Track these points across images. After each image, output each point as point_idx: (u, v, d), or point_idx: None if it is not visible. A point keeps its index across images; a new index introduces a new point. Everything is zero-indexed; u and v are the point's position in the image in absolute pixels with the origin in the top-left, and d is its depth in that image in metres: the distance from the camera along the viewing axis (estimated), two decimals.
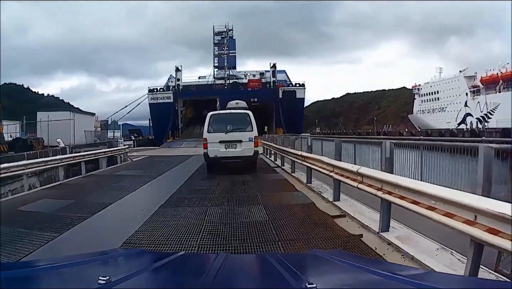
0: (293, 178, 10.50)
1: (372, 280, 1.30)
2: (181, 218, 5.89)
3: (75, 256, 1.78)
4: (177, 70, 45.15)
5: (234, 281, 1.38)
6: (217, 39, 48.14)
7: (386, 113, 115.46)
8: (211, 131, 11.20)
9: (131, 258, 1.92)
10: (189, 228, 5.20)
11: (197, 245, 4.48)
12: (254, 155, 11.40)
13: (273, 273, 1.42)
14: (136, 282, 1.17)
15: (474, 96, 58.76)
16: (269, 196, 7.68)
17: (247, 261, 1.92)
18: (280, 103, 42.30)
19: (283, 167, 13.21)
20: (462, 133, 42.06)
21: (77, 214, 6.17)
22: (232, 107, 15.08)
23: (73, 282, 1.27)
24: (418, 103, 76.62)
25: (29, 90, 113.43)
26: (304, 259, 2.09)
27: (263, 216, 5.92)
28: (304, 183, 9.27)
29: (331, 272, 1.53)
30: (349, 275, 1.45)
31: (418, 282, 1.20)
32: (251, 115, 11.49)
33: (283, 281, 1.22)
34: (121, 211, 6.87)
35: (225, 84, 46.17)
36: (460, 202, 3.00)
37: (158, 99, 43.43)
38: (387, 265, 2.67)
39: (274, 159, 16.01)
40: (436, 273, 2.32)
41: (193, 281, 1.32)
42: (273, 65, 45.90)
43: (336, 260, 1.69)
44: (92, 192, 8.70)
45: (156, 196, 8.17)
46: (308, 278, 1.12)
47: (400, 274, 1.30)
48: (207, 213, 6.19)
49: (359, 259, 2.56)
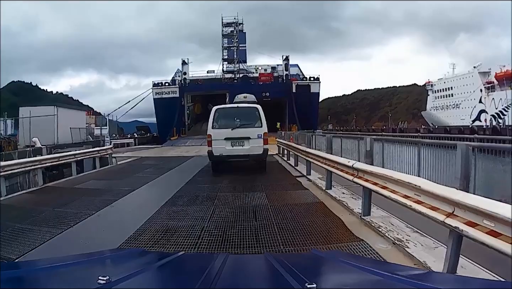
0: (332, 200, 6.56)
1: (372, 280, 1.27)
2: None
3: (75, 256, 1.77)
4: (184, 63, 40.87)
5: (234, 281, 1.33)
6: (226, 31, 43.94)
7: (397, 110, 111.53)
8: (216, 128, 9.93)
9: (131, 258, 1.82)
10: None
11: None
12: (264, 153, 9.99)
13: (273, 273, 1.40)
14: (136, 282, 1.15)
15: (488, 92, 56.38)
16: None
17: (247, 261, 1.86)
18: (293, 98, 37.79)
19: (309, 177, 9.32)
20: (483, 130, 39.05)
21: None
22: (240, 101, 13.28)
23: (73, 282, 1.23)
24: (431, 99, 73.90)
25: (38, 88, 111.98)
26: (304, 259, 2.07)
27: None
28: (355, 212, 5.48)
29: (331, 272, 1.53)
30: (349, 275, 1.40)
31: (418, 282, 1.16)
32: (260, 109, 10.16)
33: (283, 281, 1.19)
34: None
35: (234, 78, 41.88)
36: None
37: (163, 94, 39.29)
38: (387, 265, 2.49)
39: (295, 163, 12.03)
40: (436, 273, 2.20)
41: (193, 281, 1.18)
42: (286, 58, 41.38)
43: (336, 260, 1.71)
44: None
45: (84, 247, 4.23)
46: (308, 278, 1.07)
47: (400, 274, 1.27)
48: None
49: (359, 259, 2.39)
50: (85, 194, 7.66)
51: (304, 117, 36.66)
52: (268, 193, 7.28)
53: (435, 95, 72.16)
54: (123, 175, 11.24)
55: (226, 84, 39.86)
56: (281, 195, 7.12)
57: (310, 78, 40.36)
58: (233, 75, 42.45)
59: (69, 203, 6.67)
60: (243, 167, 11.05)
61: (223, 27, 43.75)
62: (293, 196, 7.07)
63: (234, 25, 43.58)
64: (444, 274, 2.50)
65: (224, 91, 37.31)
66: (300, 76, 42.66)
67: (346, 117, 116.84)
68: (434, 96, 72.43)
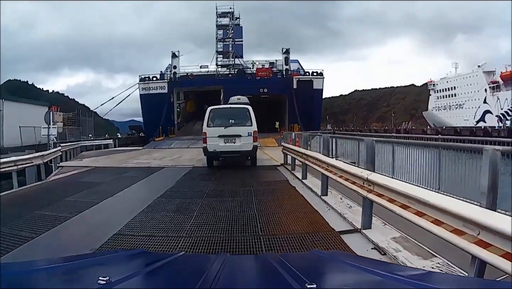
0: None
1: (372, 280, 1.23)
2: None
3: (75, 256, 1.73)
4: (174, 56, 35.03)
5: (234, 281, 1.29)
6: (220, 21, 38.42)
7: (395, 110, 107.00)
8: (211, 126, 10.68)
9: (131, 258, 1.76)
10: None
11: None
12: (253, 149, 10.74)
13: (273, 273, 1.34)
14: (136, 282, 1.13)
15: (493, 92, 53.30)
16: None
17: (247, 261, 1.79)
18: (294, 95, 32.32)
19: (325, 199, 5.54)
20: (497, 132, 35.37)
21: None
22: (234, 102, 13.52)
23: (73, 282, 1.21)
24: (433, 99, 70.02)
25: (34, 86, 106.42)
26: (304, 259, 2.01)
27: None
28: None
29: (331, 272, 1.49)
30: (349, 275, 1.35)
31: (418, 282, 1.13)
32: (250, 110, 10.88)
33: (283, 281, 1.15)
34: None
35: (229, 73, 36.37)
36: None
37: (151, 90, 33.71)
38: (387, 265, 2.34)
39: (302, 176, 7.55)
40: (436, 273, 2.10)
41: (193, 281, 1.14)
42: (286, 50, 35.79)
43: (336, 260, 1.66)
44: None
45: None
46: (308, 278, 1.03)
47: (400, 274, 1.23)
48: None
49: (359, 259, 2.25)
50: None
51: (306, 116, 31.34)
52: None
53: (437, 95, 68.48)
54: (30, 206, 6.05)
55: (220, 79, 34.41)
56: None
57: (313, 73, 34.90)
58: (228, 70, 36.94)
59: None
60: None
61: (218, 17, 38.28)
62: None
63: (229, 15, 38.16)
64: (444, 274, 2.42)
65: (218, 86, 32.06)
66: (300, 72, 37.06)
67: (344, 117, 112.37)
68: (436, 96, 68.64)
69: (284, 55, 35.90)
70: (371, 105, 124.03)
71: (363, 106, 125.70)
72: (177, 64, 35.34)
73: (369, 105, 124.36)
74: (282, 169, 10.91)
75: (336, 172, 5.28)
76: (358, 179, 4.46)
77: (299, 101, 31.79)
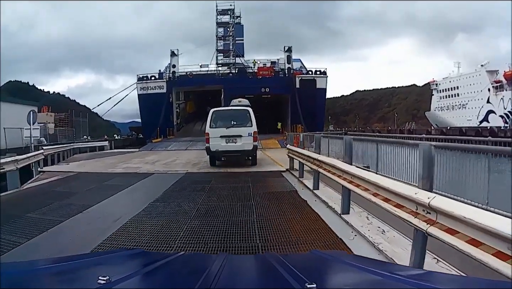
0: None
1: (372, 280, 1.19)
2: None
3: (75, 256, 1.69)
4: (173, 54, 33.55)
5: (234, 281, 1.24)
6: (220, 19, 36.84)
7: (397, 110, 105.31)
8: (213, 127, 10.86)
9: (131, 258, 1.69)
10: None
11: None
12: (253, 149, 11.04)
13: (273, 273, 1.30)
14: (136, 282, 1.10)
15: (497, 92, 51.64)
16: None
17: (247, 261, 1.71)
18: (297, 94, 30.71)
19: (347, 219, 3.77)
20: (504, 132, 33.94)
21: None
22: (235, 104, 14.08)
23: (72, 281, 1.14)
24: (436, 99, 68.17)
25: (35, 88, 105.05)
26: (304, 259, 1.95)
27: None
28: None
29: (331, 272, 1.45)
30: (349, 275, 1.32)
31: (418, 282, 1.09)
32: (251, 112, 11.13)
33: (283, 281, 1.10)
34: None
35: (230, 72, 34.78)
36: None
37: (149, 90, 32.19)
38: (387, 265, 2.32)
39: (314, 186, 6.36)
40: (436, 273, 1.88)
41: (193, 281, 1.08)
42: (288, 49, 34.30)
43: (336, 260, 1.64)
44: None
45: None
46: (308, 278, 0.99)
47: (400, 274, 1.18)
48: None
49: (359, 259, 2.11)
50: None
51: (309, 116, 29.75)
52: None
53: (440, 95, 66.58)
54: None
55: (220, 78, 32.89)
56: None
57: (316, 72, 33.34)
58: (229, 69, 35.42)
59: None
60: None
61: (218, 14, 36.75)
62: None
63: (230, 13, 36.66)
64: (444, 274, 2.30)
65: (218, 86, 30.64)
66: (303, 72, 35.50)
67: (345, 118, 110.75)
68: (439, 96, 66.77)
69: (286, 54, 34.38)
70: (373, 105, 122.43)
71: (365, 106, 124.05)
72: (176, 63, 33.87)
73: (371, 106, 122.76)
74: (288, 175, 9.43)
75: (368, 188, 3.80)
76: (408, 202, 3.00)
77: (302, 101, 30.29)
